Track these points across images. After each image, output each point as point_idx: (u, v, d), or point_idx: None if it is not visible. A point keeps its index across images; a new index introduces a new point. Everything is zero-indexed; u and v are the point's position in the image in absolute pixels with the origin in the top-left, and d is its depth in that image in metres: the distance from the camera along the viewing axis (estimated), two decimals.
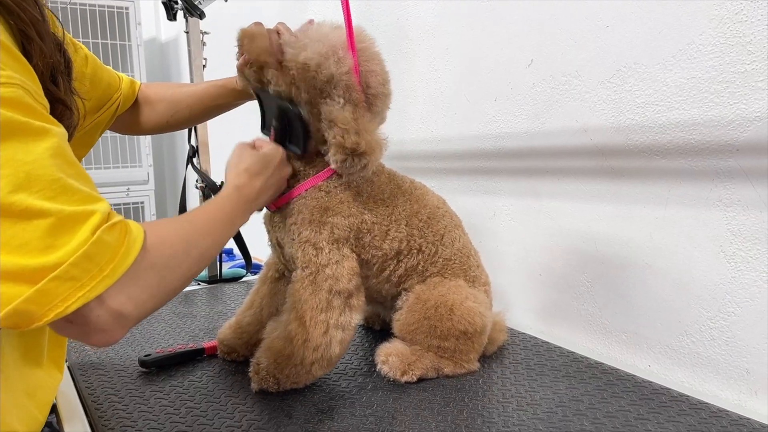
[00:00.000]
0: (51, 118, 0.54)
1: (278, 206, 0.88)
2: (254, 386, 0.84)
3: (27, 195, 0.47)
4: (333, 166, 0.83)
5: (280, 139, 0.86)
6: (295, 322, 0.82)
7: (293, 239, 0.85)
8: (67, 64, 0.64)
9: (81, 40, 2.75)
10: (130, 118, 1.01)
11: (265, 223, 0.93)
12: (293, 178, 0.88)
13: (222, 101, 1.03)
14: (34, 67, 0.56)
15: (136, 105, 1.00)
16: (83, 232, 0.49)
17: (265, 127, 0.90)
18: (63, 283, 0.48)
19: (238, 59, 0.86)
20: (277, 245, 0.91)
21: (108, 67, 0.94)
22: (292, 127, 0.85)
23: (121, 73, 0.98)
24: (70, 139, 0.65)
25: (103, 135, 3.13)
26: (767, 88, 0.77)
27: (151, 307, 0.56)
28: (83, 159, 1.02)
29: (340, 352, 0.84)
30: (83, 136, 0.91)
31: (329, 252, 0.83)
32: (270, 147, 0.84)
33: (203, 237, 0.65)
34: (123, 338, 1.06)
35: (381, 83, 0.86)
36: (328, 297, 0.82)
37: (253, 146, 0.85)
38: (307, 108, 0.84)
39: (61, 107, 0.60)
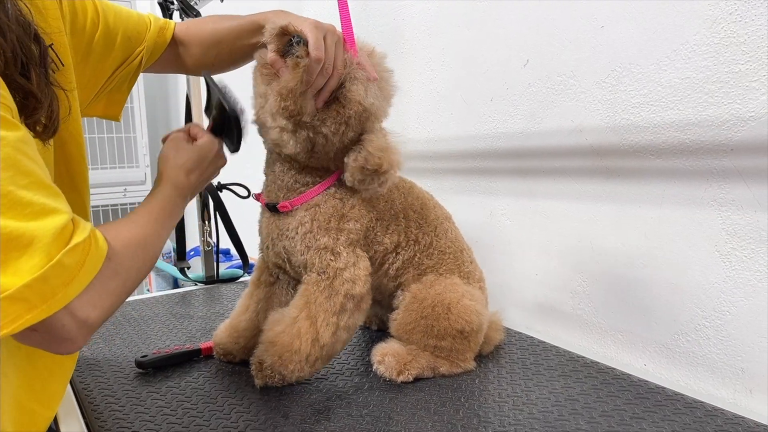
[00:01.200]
0: (9, 120, 0.51)
1: (293, 206, 0.86)
2: (258, 383, 0.85)
3: None
4: (349, 184, 0.84)
5: (217, 129, 0.84)
6: (307, 321, 0.83)
7: (309, 246, 0.85)
8: (43, 53, 0.62)
9: None
10: (170, 62, 0.95)
11: (265, 230, 0.91)
12: (306, 186, 0.86)
13: (258, 39, 0.88)
14: None
15: (173, 48, 0.94)
16: (37, 250, 0.49)
17: (206, 110, 0.88)
18: (13, 303, 0.48)
19: (274, 59, 0.79)
20: (283, 253, 0.89)
21: (130, 15, 0.87)
22: (231, 125, 0.82)
23: (151, 18, 0.91)
24: (55, 130, 0.64)
25: (100, 136, 3.07)
26: (762, 88, 0.77)
27: (115, 308, 0.60)
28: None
29: (340, 350, 0.88)
30: (111, 95, 0.89)
31: (346, 255, 0.85)
32: (205, 140, 0.82)
33: (153, 237, 0.68)
34: (120, 340, 1.06)
35: (389, 100, 0.88)
36: (343, 301, 0.84)
37: (188, 135, 0.83)
38: (348, 143, 0.83)
39: (33, 101, 0.59)
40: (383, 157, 0.81)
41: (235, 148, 0.85)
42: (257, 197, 0.92)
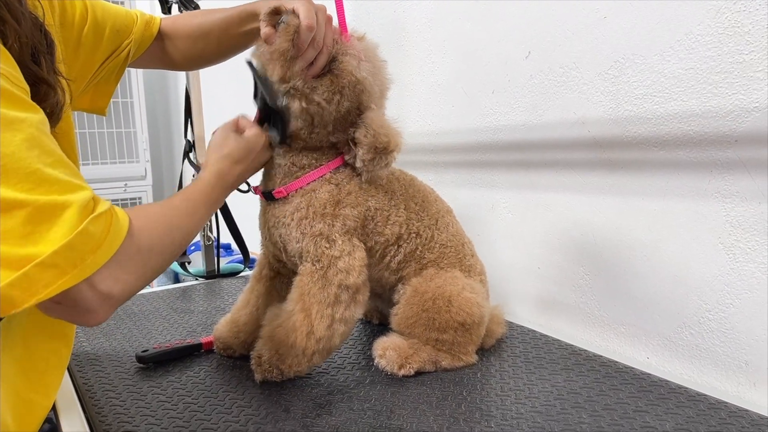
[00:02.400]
0: (29, 103, 0.54)
1: (287, 193, 0.86)
2: (258, 377, 0.84)
3: (5, 189, 0.48)
4: (359, 164, 0.84)
5: (265, 118, 0.86)
6: (301, 313, 0.82)
7: (304, 233, 0.84)
8: (50, 45, 0.64)
9: None
10: (156, 57, 0.97)
11: (262, 219, 0.91)
12: (302, 169, 0.87)
13: (249, 26, 0.92)
14: (9, 48, 0.55)
15: (159, 43, 0.95)
16: (65, 221, 0.50)
17: (256, 97, 0.88)
18: (45, 269, 0.49)
19: (269, 32, 0.80)
20: (279, 242, 0.89)
21: (118, 9, 0.88)
22: (274, 116, 0.84)
23: (138, 12, 0.92)
24: (58, 119, 0.65)
25: (100, 131, 3.08)
26: (766, 79, 0.76)
27: (138, 287, 0.60)
28: (81, 154, 1.00)
29: (339, 344, 0.86)
30: (98, 87, 0.90)
31: (342, 243, 0.84)
32: (253, 132, 0.84)
33: (185, 220, 0.69)
34: (121, 334, 1.06)
35: (386, 90, 0.90)
36: (337, 292, 0.83)
37: (236, 128, 0.85)
38: (344, 112, 0.84)
39: (44, 87, 0.61)
40: (390, 137, 0.83)
41: (281, 138, 0.85)
42: (255, 190, 0.91)
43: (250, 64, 0.85)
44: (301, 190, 0.85)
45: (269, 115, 0.85)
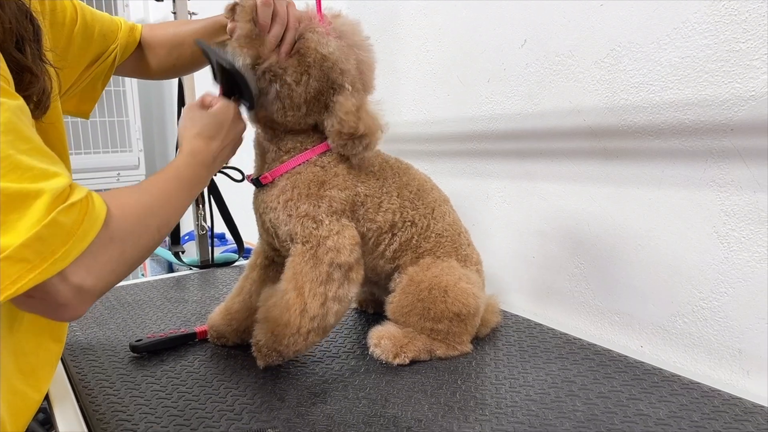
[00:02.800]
0: (7, 90, 0.52)
1: (273, 179, 0.86)
2: (260, 364, 0.85)
3: None
4: (335, 151, 0.85)
5: (228, 92, 0.83)
6: (294, 292, 0.82)
7: (290, 215, 0.84)
8: (36, 31, 0.62)
9: None
10: (136, 64, 0.97)
11: (254, 206, 0.92)
12: (287, 153, 0.86)
13: (223, 38, 0.92)
14: None
15: (139, 51, 0.96)
16: (34, 211, 0.48)
17: (214, 78, 0.86)
18: (13, 264, 0.47)
19: (233, 25, 0.81)
20: (270, 228, 0.89)
21: (104, 15, 0.90)
22: (237, 82, 0.82)
23: (121, 19, 0.93)
24: (45, 108, 0.64)
25: (92, 120, 3.06)
26: (762, 67, 0.76)
27: (114, 279, 0.57)
28: (74, 143, 0.99)
29: (335, 322, 0.85)
30: (85, 91, 0.89)
31: (329, 223, 0.83)
32: (220, 105, 0.81)
33: (162, 206, 0.65)
34: (114, 324, 1.06)
35: (371, 70, 0.88)
36: (329, 270, 0.82)
37: (202, 105, 0.82)
38: (313, 93, 0.83)
39: (28, 75, 0.59)
40: (358, 121, 0.82)
41: (250, 104, 0.84)
42: (247, 178, 0.91)
43: (199, 43, 0.85)
44: (287, 174, 0.85)
45: (232, 86, 0.83)
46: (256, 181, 0.88)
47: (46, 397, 0.85)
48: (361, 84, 0.86)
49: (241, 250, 1.58)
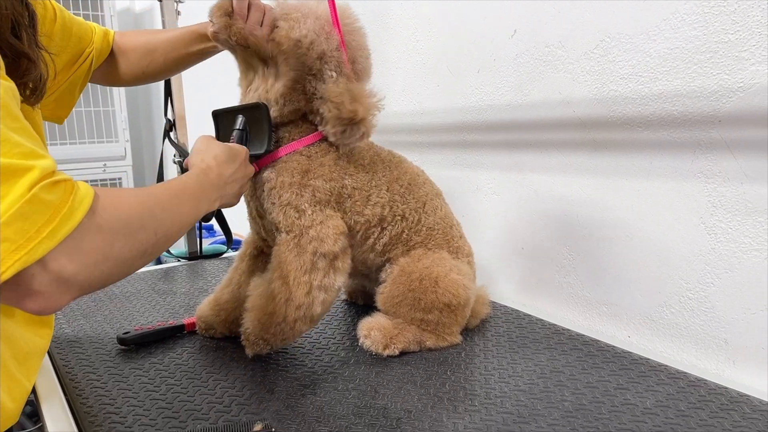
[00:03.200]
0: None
1: (261, 167, 0.86)
2: (248, 352, 0.84)
3: None
4: (332, 139, 0.84)
5: (241, 143, 0.85)
6: (279, 281, 0.82)
7: (273, 203, 0.84)
8: (32, 17, 0.62)
9: None
10: (107, 70, 0.97)
11: (246, 201, 0.92)
12: (277, 143, 0.87)
13: (196, 48, 0.96)
14: None
15: (111, 56, 0.96)
16: (19, 187, 0.45)
17: (222, 140, 0.86)
18: None
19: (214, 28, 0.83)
20: (257, 216, 0.90)
21: (79, 19, 0.89)
22: (259, 127, 0.84)
23: (94, 24, 0.93)
24: (41, 95, 0.63)
25: (78, 109, 3.01)
26: (751, 59, 0.76)
27: (98, 274, 0.51)
28: (59, 133, 0.98)
29: (322, 312, 0.84)
30: (62, 96, 0.88)
31: (312, 213, 0.83)
32: (236, 144, 0.82)
33: (164, 211, 0.60)
34: (102, 316, 1.05)
35: (366, 57, 0.88)
36: (313, 259, 0.82)
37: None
38: (290, 84, 0.83)
39: (25, 62, 0.58)
40: (356, 105, 0.81)
41: (267, 146, 0.84)
42: None
43: (215, 116, 0.88)
44: (272, 163, 0.85)
45: (246, 138, 0.85)
46: None
47: (33, 390, 0.84)
48: (354, 69, 0.85)
49: (230, 242, 1.57)
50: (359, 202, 0.87)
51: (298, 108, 0.85)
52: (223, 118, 0.87)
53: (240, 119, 0.85)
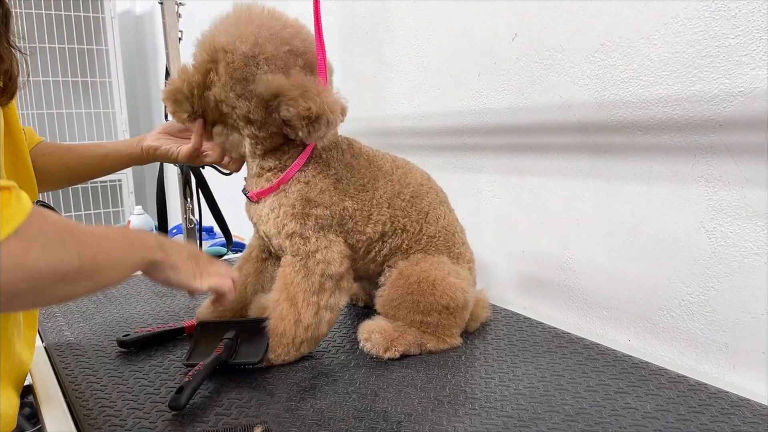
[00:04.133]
0: None
1: (259, 198, 0.87)
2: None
3: None
4: (307, 141, 0.82)
5: (227, 354, 0.81)
6: (286, 302, 0.83)
7: (279, 231, 0.85)
8: (5, 14, 0.61)
9: (53, 12, 2.66)
10: None
11: (247, 212, 0.93)
12: (270, 171, 0.86)
13: (123, 166, 1.00)
14: None
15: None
16: None
17: (189, 360, 0.84)
18: None
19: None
20: (264, 236, 0.90)
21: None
22: (257, 336, 0.83)
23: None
24: (12, 93, 0.63)
25: (77, 111, 2.98)
26: (751, 63, 0.76)
27: (5, 282, 0.44)
28: (59, 136, 0.97)
29: (326, 332, 0.87)
30: None
31: (316, 240, 0.84)
32: (226, 273, 0.79)
33: (88, 236, 0.54)
34: (102, 319, 1.05)
35: (304, 54, 0.83)
36: (321, 280, 0.84)
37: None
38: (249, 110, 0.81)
39: None
40: (307, 101, 0.76)
41: (261, 358, 0.82)
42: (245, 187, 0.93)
43: (200, 323, 0.90)
44: (273, 194, 0.86)
45: (234, 348, 0.84)
46: (245, 193, 0.90)
47: (33, 393, 0.84)
48: (306, 63, 0.82)
49: (230, 244, 1.57)
50: (360, 222, 0.88)
51: (274, 131, 0.83)
52: (206, 331, 0.87)
53: (243, 327, 0.85)
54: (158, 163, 1.54)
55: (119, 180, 2.90)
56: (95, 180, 2.78)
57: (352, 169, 0.88)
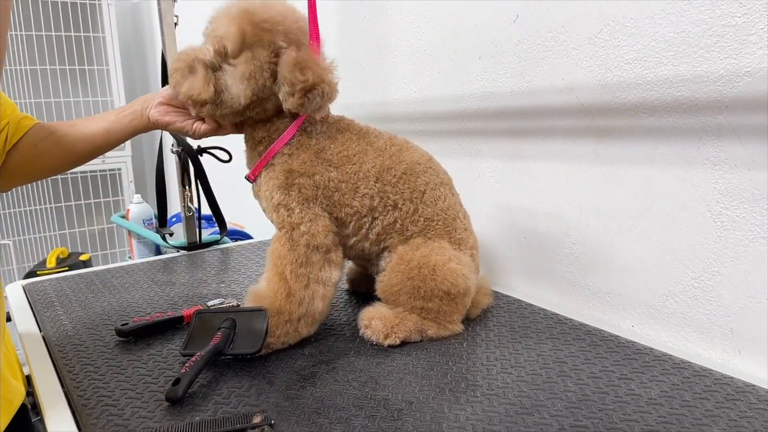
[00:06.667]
0: None
1: (255, 177, 0.90)
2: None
3: None
4: (299, 112, 0.84)
5: (224, 344, 0.80)
6: (276, 277, 0.84)
7: (269, 204, 0.87)
8: None
9: (49, 0, 2.64)
10: (19, 158, 0.88)
11: (255, 197, 0.94)
12: (260, 144, 0.89)
13: (122, 138, 0.94)
14: None
15: (28, 147, 0.88)
16: None
17: (186, 349, 0.83)
18: None
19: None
20: (264, 214, 0.92)
21: (3, 95, 0.85)
22: (256, 329, 0.81)
23: (14, 106, 0.90)
24: None
25: (75, 99, 2.96)
26: (759, 42, 0.74)
27: None
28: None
29: (323, 309, 0.86)
30: None
31: (300, 211, 0.85)
32: None
33: None
34: (100, 308, 1.04)
35: (288, 25, 0.85)
36: (306, 251, 0.84)
37: None
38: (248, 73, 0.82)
39: None
40: (306, 72, 0.80)
41: (260, 347, 0.80)
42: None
43: (199, 312, 0.88)
44: (264, 169, 0.88)
45: (231, 339, 0.82)
46: (246, 177, 0.92)
47: (30, 383, 0.83)
48: (294, 42, 0.84)
49: (223, 231, 1.56)
50: (347, 194, 0.87)
51: (263, 96, 0.85)
52: (208, 318, 0.86)
53: (241, 318, 0.84)
54: (158, 152, 1.52)
55: (119, 169, 2.89)
56: (94, 169, 2.77)
57: (335, 141, 0.88)
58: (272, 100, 0.85)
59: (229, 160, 1.33)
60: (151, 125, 0.93)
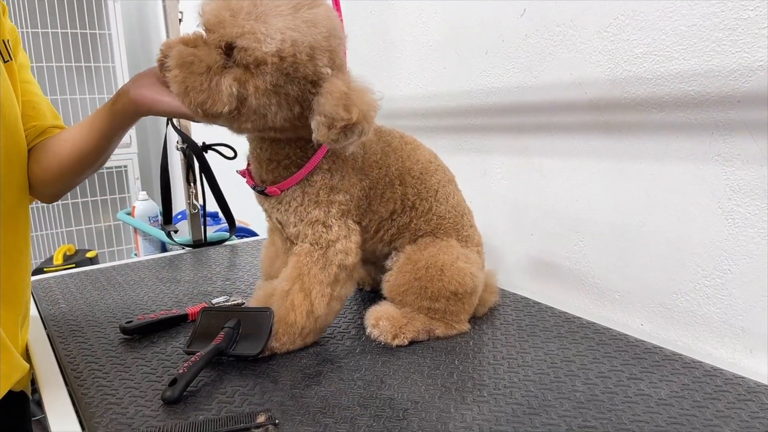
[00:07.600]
0: None
1: (281, 191, 0.83)
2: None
3: None
4: (330, 145, 0.74)
5: (227, 344, 0.79)
6: (300, 293, 0.82)
7: (301, 219, 0.83)
8: None
9: None
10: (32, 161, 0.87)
11: (260, 204, 0.90)
12: (287, 158, 0.81)
13: (117, 129, 0.86)
14: None
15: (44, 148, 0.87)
16: None
17: (189, 347, 0.82)
18: None
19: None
20: (277, 223, 0.89)
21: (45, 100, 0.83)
22: (259, 330, 0.80)
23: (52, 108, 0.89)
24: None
25: (82, 97, 2.97)
26: None
27: None
28: (64, 122, 0.95)
29: (331, 321, 0.87)
30: None
31: (338, 228, 0.83)
32: None
33: None
34: (105, 305, 1.03)
35: (334, 44, 0.75)
36: (337, 272, 0.83)
37: None
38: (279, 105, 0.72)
39: None
40: (350, 107, 0.70)
41: (262, 349, 0.80)
42: (242, 173, 0.89)
43: (203, 310, 0.87)
44: (298, 184, 0.82)
45: (235, 337, 0.81)
46: (261, 191, 0.85)
47: (33, 380, 0.83)
48: (337, 63, 0.75)
49: (233, 229, 1.55)
50: (374, 202, 0.86)
51: (298, 125, 0.76)
52: (211, 317, 0.85)
53: (246, 318, 0.82)
54: (162, 149, 1.52)
55: (125, 166, 2.89)
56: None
57: (364, 146, 0.85)
58: (308, 129, 0.74)
59: (234, 157, 1.33)
60: (136, 106, 0.83)
